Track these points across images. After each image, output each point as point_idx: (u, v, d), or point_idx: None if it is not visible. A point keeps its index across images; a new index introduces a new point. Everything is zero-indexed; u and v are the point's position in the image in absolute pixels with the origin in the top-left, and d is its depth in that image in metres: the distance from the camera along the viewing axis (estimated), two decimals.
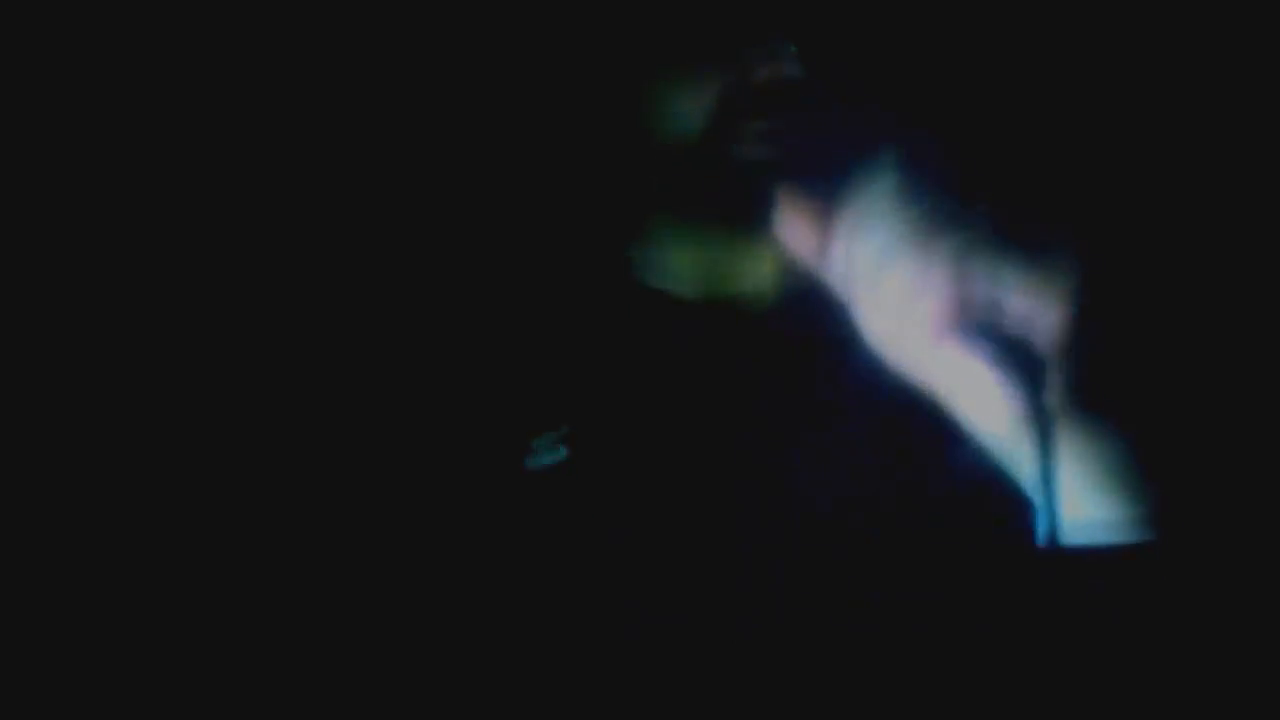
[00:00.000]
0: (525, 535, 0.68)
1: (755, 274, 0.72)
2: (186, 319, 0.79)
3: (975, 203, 0.50)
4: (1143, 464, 0.56)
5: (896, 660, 0.63)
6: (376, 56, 0.78)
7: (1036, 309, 0.50)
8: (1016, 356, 0.50)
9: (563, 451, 0.71)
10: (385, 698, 0.67)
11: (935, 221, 0.50)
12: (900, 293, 0.51)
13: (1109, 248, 0.51)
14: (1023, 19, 0.71)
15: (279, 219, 0.80)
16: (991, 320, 0.50)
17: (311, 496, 0.71)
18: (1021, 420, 0.51)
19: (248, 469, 0.73)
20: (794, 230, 0.55)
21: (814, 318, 0.58)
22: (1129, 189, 0.66)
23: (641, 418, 0.71)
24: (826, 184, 0.55)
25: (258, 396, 0.76)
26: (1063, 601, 0.54)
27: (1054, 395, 0.51)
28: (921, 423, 0.56)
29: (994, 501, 0.55)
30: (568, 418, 0.71)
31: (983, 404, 0.52)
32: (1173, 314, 0.63)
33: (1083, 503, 0.56)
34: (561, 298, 0.74)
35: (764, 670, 0.64)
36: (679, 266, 0.73)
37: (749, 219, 0.59)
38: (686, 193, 0.68)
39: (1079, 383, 0.52)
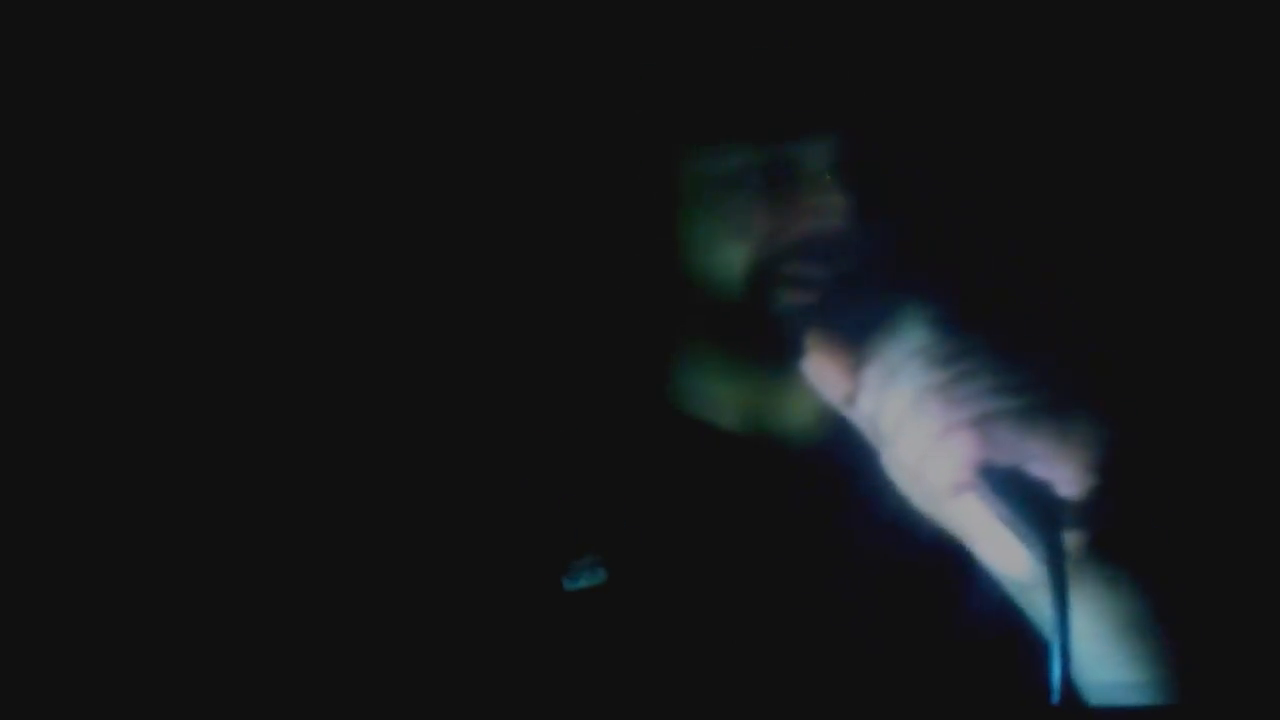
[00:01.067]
0: (560, 655, 0.70)
1: (792, 411, 0.74)
2: (180, 327, 0.81)
3: (1001, 366, 0.52)
4: (1160, 624, 0.57)
5: None
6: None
7: (1057, 470, 0.52)
8: (1035, 510, 0.52)
9: (601, 574, 0.72)
10: None
11: (963, 383, 0.52)
12: (924, 446, 0.53)
13: (1129, 412, 0.53)
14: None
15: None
16: (1012, 476, 0.52)
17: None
18: (1038, 572, 0.52)
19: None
20: (826, 375, 0.57)
21: (847, 459, 0.60)
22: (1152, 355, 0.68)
23: (675, 544, 0.73)
24: (860, 333, 0.57)
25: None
26: None
27: (1071, 549, 0.52)
28: (944, 567, 0.57)
29: (1011, 649, 0.55)
30: (606, 540, 0.73)
31: (1002, 553, 0.54)
32: (1189, 477, 0.64)
33: (1102, 663, 0.58)
34: (604, 421, 0.77)
35: None
36: (718, 398, 0.75)
37: (785, 359, 0.61)
38: (728, 329, 0.71)
39: (1098, 540, 0.54)
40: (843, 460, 0.60)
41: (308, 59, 0.85)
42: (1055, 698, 0.50)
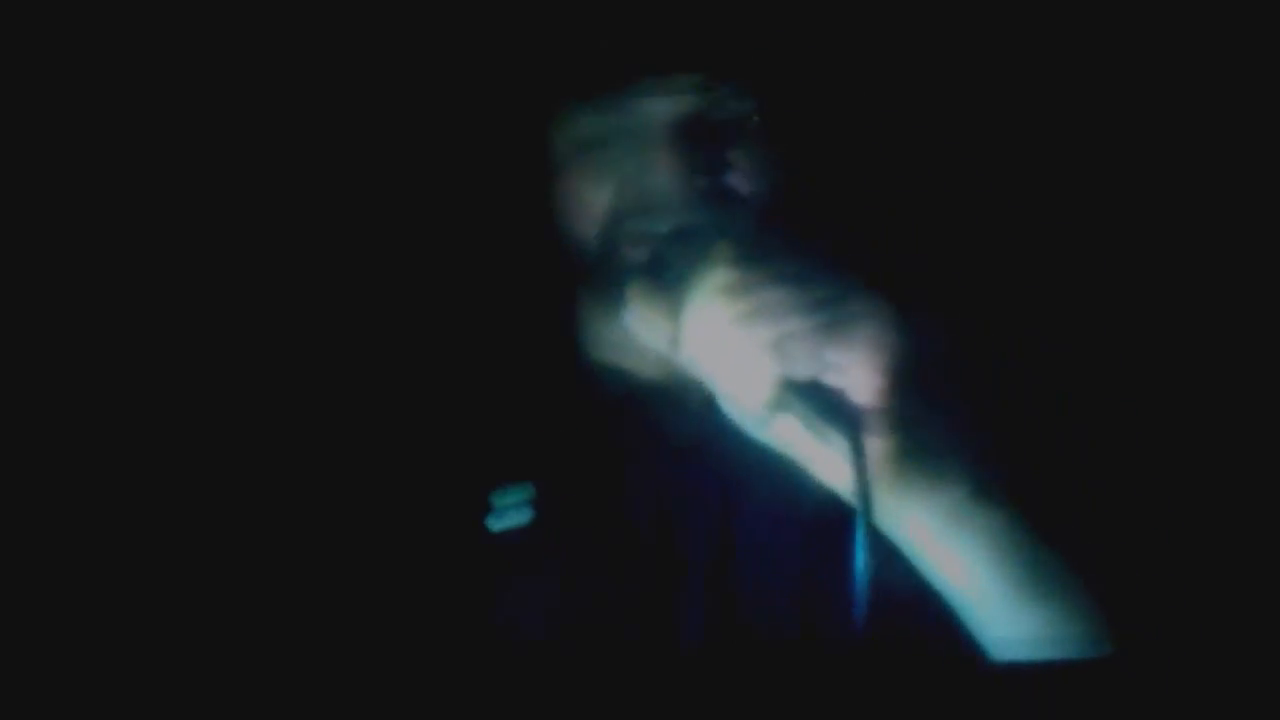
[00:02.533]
0: (483, 596, 0.75)
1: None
2: (175, 325, 0.84)
3: (793, 292, 0.57)
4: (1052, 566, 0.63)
5: None
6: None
7: (850, 377, 0.58)
8: (834, 414, 0.58)
9: (528, 514, 0.78)
10: None
11: (760, 311, 0.58)
12: (734, 372, 0.58)
13: (912, 321, 0.57)
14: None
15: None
16: (813, 387, 0.58)
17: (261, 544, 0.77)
18: (848, 472, 0.58)
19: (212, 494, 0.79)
20: (648, 323, 0.63)
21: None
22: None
23: (595, 482, 0.78)
24: (679, 281, 0.62)
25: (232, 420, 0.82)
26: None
27: (874, 447, 0.59)
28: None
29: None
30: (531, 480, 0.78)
31: (821, 461, 0.61)
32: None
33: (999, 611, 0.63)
34: (513, 363, 0.82)
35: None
36: (620, 345, 0.80)
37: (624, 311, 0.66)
38: (599, 280, 0.76)
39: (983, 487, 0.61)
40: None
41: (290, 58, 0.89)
42: (858, 603, 0.55)
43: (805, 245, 0.60)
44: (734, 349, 0.58)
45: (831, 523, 0.65)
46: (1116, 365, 0.72)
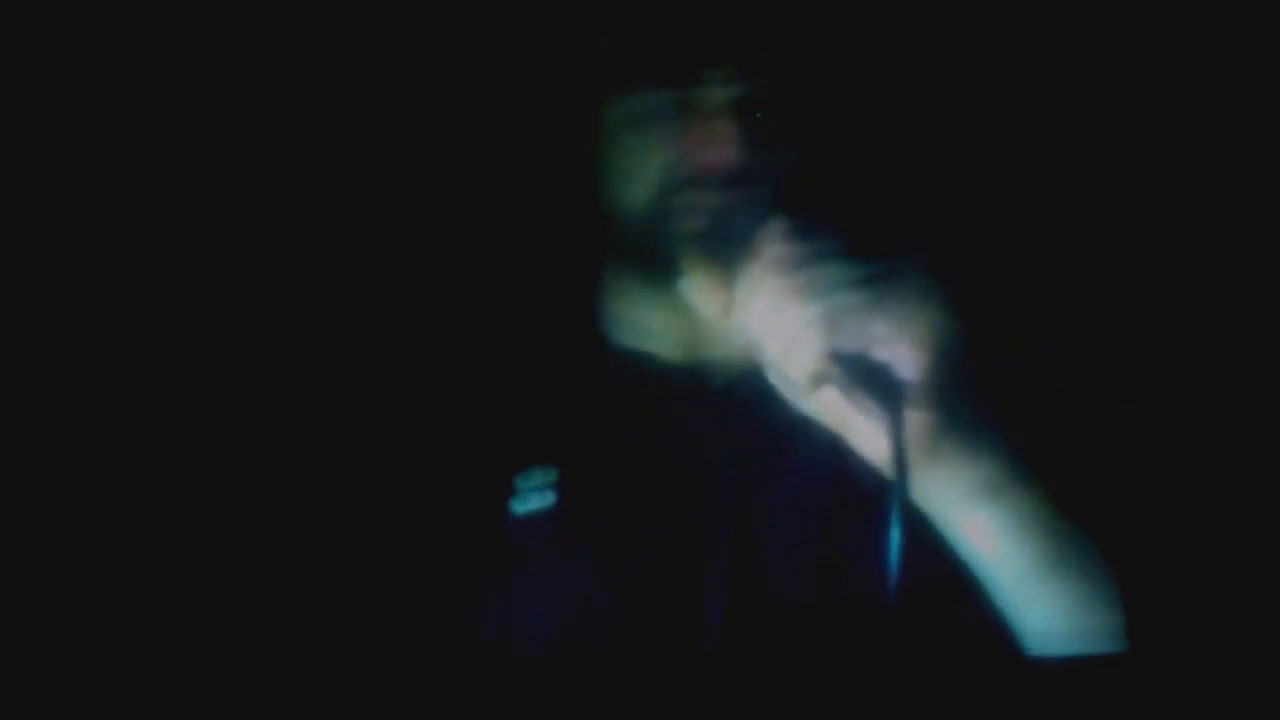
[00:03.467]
0: (507, 579, 0.74)
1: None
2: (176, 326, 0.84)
3: (845, 266, 0.58)
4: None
5: None
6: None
7: (897, 351, 0.59)
8: (877, 387, 0.59)
9: (551, 497, 0.78)
10: None
11: (811, 284, 0.59)
12: (783, 344, 0.60)
13: (962, 298, 0.58)
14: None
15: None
16: (859, 360, 0.59)
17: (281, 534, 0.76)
18: (886, 447, 0.59)
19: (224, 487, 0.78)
20: (703, 293, 0.64)
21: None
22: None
23: (618, 466, 0.78)
24: (734, 251, 0.63)
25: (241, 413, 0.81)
26: None
27: (917, 421, 0.60)
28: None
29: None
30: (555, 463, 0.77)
31: (864, 437, 0.62)
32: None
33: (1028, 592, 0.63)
34: (539, 347, 0.82)
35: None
36: (649, 327, 0.80)
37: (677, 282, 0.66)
38: (644, 260, 0.76)
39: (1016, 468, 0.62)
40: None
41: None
42: (890, 577, 0.56)
43: (857, 221, 0.62)
44: (785, 320, 0.59)
45: (860, 501, 0.66)
46: (1159, 348, 0.73)
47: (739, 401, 0.75)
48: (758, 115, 0.71)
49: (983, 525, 0.64)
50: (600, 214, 0.78)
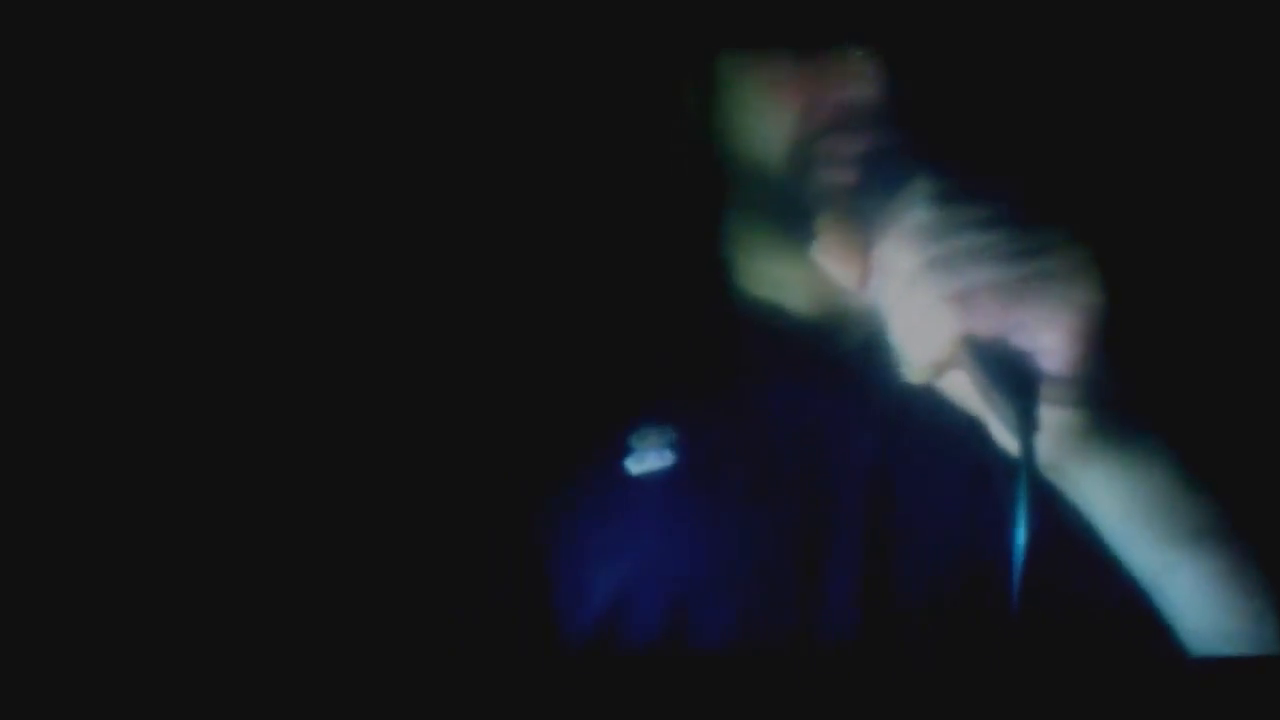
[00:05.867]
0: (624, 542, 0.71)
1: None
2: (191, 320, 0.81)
3: (991, 240, 0.51)
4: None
5: None
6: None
7: (1041, 339, 0.51)
8: (1009, 380, 0.52)
9: (669, 457, 0.74)
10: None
11: (951, 257, 0.51)
12: (913, 321, 0.52)
13: (1118, 282, 0.51)
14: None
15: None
16: (994, 347, 0.52)
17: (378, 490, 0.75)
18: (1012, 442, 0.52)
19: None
20: (837, 258, 0.57)
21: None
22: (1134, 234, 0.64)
23: (741, 425, 0.73)
24: (874, 212, 0.56)
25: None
26: None
27: (1054, 419, 0.53)
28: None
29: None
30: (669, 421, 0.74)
31: (993, 426, 0.55)
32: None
33: (1138, 547, 0.56)
34: (660, 303, 0.77)
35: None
36: (780, 279, 0.74)
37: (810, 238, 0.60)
38: (777, 211, 0.70)
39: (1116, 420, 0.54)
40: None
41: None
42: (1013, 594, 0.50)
43: (1012, 190, 0.53)
44: (919, 296, 0.52)
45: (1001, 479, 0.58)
46: None
47: (877, 362, 0.69)
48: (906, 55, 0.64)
49: (1145, 538, 0.57)
50: (723, 165, 0.72)
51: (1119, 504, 0.57)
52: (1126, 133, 0.75)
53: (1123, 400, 0.54)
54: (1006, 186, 0.53)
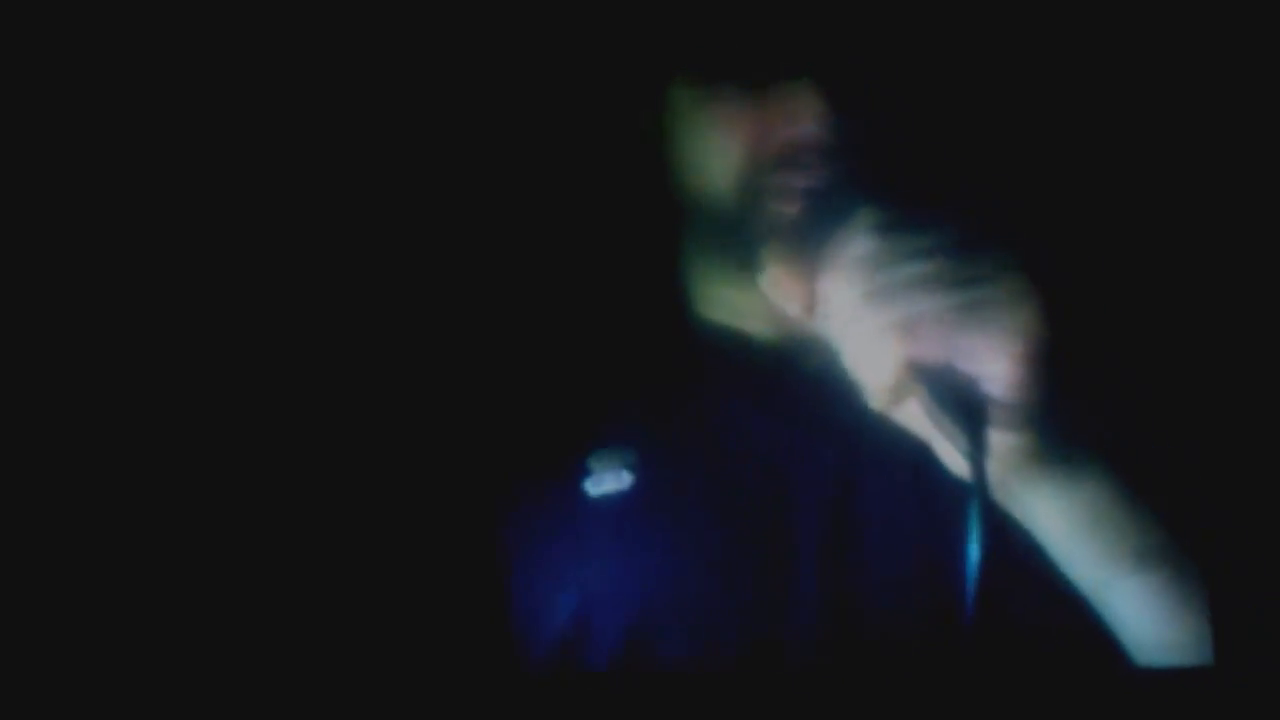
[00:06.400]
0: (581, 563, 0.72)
1: None
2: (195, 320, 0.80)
3: (933, 269, 0.53)
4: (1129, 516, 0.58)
5: None
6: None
7: (985, 365, 0.53)
8: (958, 405, 0.54)
9: (627, 479, 0.74)
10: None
11: (894, 287, 0.54)
12: (861, 350, 0.54)
13: (1057, 308, 0.53)
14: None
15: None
16: (941, 373, 0.54)
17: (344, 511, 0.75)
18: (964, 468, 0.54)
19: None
20: (784, 288, 0.59)
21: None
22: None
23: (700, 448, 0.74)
24: (820, 244, 0.58)
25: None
26: None
27: (1001, 444, 0.55)
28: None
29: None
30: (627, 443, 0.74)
31: (944, 450, 0.57)
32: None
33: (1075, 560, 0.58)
34: (618, 327, 0.78)
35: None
36: (737, 304, 0.76)
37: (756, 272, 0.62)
38: (730, 241, 0.71)
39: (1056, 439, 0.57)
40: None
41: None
42: (968, 610, 0.51)
43: (951, 220, 0.55)
44: (864, 325, 0.54)
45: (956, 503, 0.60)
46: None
47: (833, 383, 0.71)
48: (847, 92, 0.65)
49: (1088, 555, 0.59)
50: (679, 194, 0.73)
51: (1062, 521, 0.59)
52: (1062, 162, 0.77)
53: (1065, 422, 0.56)
54: (946, 218, 0.55)
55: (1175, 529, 0.60)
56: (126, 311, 0.81)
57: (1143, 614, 0.59)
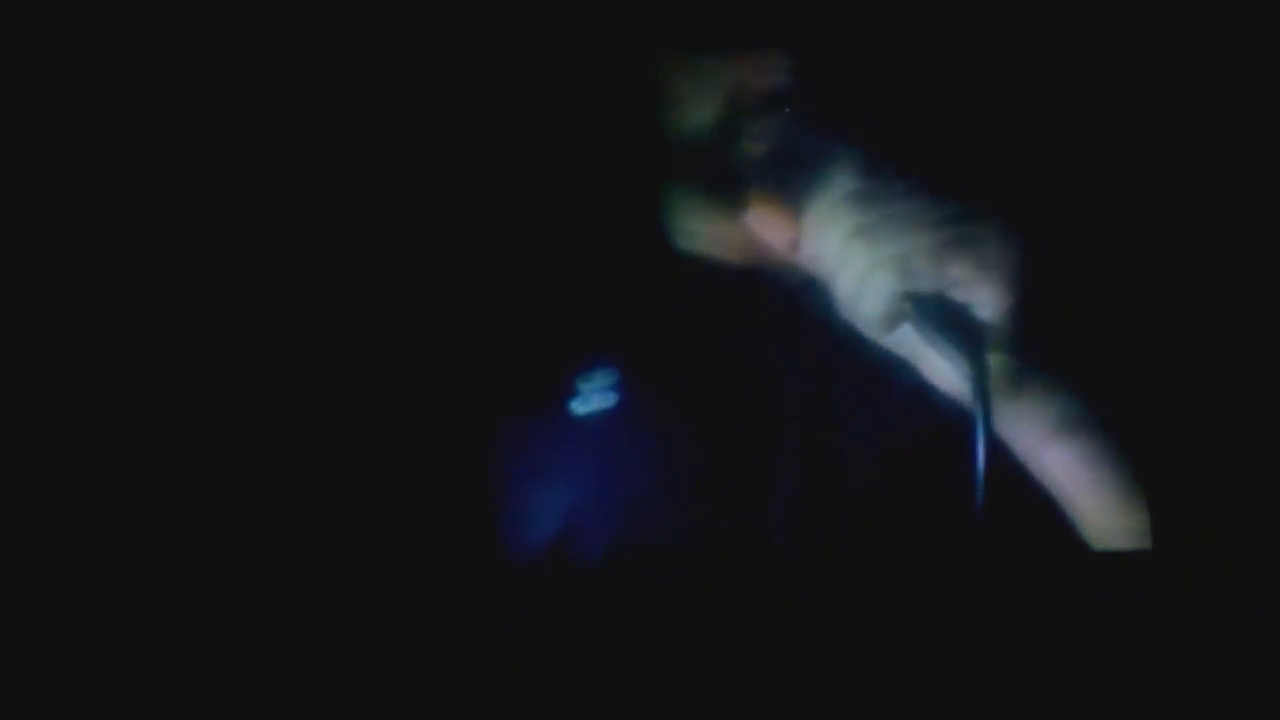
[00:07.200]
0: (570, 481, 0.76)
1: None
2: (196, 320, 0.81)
3: (920, 205, 0.58)
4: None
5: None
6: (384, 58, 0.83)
7: (976, 293, 0.59)
8: (957, 330, 0.59)
9: (612, 398, 0.79)
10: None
11: (884, 222, 0.59)
12: (855, 283, 0.59)
13: (1041, 238, 0.58)
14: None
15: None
16: (936, 302, 0.59)
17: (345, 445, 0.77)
18: (966, 387, 0.59)
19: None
20: (769, 224, 0.64)
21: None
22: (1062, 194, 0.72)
23: (682, 368, 0.79)
24: (803, 182, 0.63)
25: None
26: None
27: (997, 363, 0.60)
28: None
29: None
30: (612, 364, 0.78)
31: (940, 373, 0.62)
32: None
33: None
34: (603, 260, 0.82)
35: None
36: (714, 237, 0.80)
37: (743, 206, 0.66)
38: (710, 180, 0.75)
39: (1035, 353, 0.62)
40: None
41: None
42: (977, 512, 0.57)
43: (936, 159, 0.60)
44: (856, 260, 0.59)
45: (939, 418, 0.66)
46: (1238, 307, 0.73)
47: (811, 304, 0.74)
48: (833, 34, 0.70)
49: (1058, 457, 0.65)
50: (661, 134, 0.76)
51: (1039, 426, 0.65)
52: (1037, 107, 0.82)
53: (1048, 342, 0.62)
54: (932, 158, 0.60)
55: (1098, 410, 0.66)
56: (121, 306, 0.82)
57: (1072, 481, 0.66)
